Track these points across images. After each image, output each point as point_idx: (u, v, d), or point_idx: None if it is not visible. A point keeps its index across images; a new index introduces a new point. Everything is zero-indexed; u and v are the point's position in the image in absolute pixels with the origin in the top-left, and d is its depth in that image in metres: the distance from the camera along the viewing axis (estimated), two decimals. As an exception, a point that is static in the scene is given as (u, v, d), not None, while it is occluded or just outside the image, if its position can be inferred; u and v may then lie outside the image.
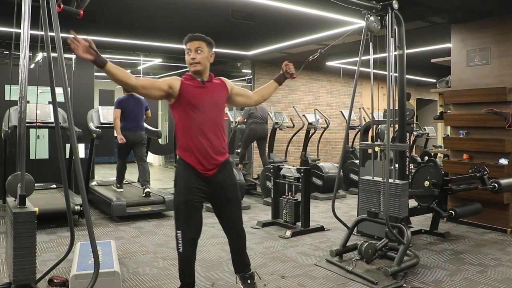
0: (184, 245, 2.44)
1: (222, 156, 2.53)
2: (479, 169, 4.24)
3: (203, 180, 2.47)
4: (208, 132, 2.46)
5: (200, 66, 2.48)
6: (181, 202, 2.46)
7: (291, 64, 2.77)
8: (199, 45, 2.52)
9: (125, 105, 5.28)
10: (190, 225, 2.45)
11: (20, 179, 2.42)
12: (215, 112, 2.51)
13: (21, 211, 2.29)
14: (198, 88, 2.48)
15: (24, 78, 2.52)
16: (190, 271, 2.53)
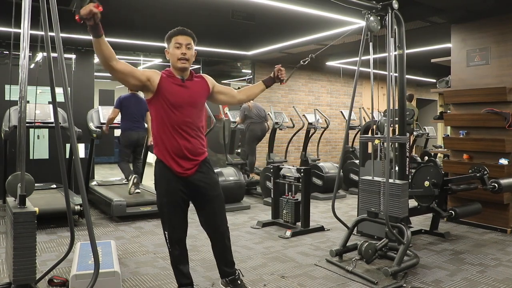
0: (172, 244, 2.48)
1: (200, 156, 2.46)
2: (479, 169, 4.24)
3: (182, 181, 2.42)
4: (185, 132, 2.39)
5: (188, 63, 2.40)
6: (164, 204, 2.46)
7: (283, 70, 2.72)
8: (189, 41, 2.40)
9: (126, 104, 5.27)
10: (174, 226, 2.46)
11: (20, 179, 2.41)
12: (194, 111, 2.43)
13: (21, 211, 2.29)
14: (178, 86, 2.39)
15: (24, 78, 2.52)
16: (183, 270, 2.53)
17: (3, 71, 5.87)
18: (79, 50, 6.69)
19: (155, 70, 2.40)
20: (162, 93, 2.35)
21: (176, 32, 2.40)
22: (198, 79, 2.52)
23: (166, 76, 2.39)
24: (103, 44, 2.09)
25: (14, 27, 2.55)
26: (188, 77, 2.46)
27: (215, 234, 2.60)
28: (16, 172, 2.52)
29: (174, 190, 2.42)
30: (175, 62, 2.39)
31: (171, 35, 2.41)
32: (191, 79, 2.47)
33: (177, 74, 2.43)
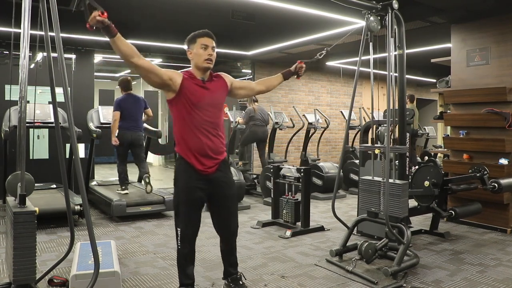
0: (183, 242, 2.49)
1: (220, 155, 2.53)
2: (479, 169, 4.24)
3: (203, 179, 2.47)
4: (207, 132, 2.45)
5: (212, 64, 2.48)
6: (181, 201, 2.48)
7: (304, 67, 2.87)
8: (214, 44, 2.50)
9: (124, 106, 5.25)
10: (188, 224, 2.49)
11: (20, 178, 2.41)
12: (214, 111, 2.49)
13: (21, 210, 2.29)
14: (199, 87, 2.46)
15: (24, 78, 2.52)
16: (188, 271, 2.53)
17: (3, 71, 5.88)
18: (79, 50, 6.69)
19: (176, 71, 2.46)
20: (185, 94, 2.41)
21: (202, 34, 2.47)
22: (216, 78, 2.58)
23: (187, 77, 2.45)
24: (119, 42, 2.14)
25: (14, 27, 2.54)
26: (208, 77, 2.52)
27: (227, 233, 2.65)
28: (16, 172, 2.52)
29: (193, 188, 2.45)
30: (201, 63, 2.45)
31: (196, 36, 2.47)
32: (211, 79, 2.53)
33: (198, 75, 2.48)
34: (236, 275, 2.71)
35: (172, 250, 3.78)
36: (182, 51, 7.37)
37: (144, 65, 2.27)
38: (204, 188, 2.48)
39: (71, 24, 5.51)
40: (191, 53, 2.49)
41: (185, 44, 2.54)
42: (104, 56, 8.03)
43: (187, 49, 2.53)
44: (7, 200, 2.60)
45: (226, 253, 2.70)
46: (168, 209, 5.20)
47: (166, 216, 5.25)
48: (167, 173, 10.32)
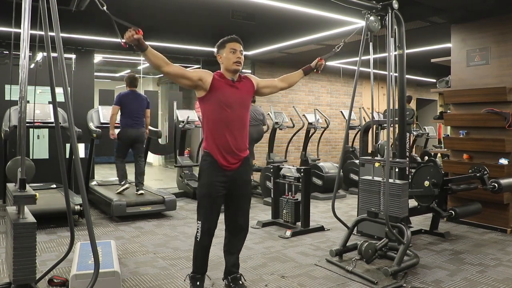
0: (203, 234, 2.61)
1: (244, 152, 2.67)
2: (479, 169, 4.24)
3: (225, 175, 2.60)
4: (234, 130, 2.59)
5: (241, 66, 2.65)
6: (204, 195, 2.62)
7: (324, 63, 3.11)
8: (241, 48, 2.67)
9: (125, 101, 5.26)
10: (209, 218, 2.61)
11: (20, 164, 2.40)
12: (242, 111, 2.64)
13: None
14: (229, 87, 2.60)
15: (24, 78, 2.52)
16: (205, 260, 2.71)
17: (3, 71, 5.87)
18: (79, 50, 6.69)
19: (208, 71, 2.62)
20: (215, 93, 2.56)
21: (231, 39, 2.66)
22: (245, 80, 2.74)
23: (218, 77, 2.60)
24: (150, 55, 2.35)
25: (14, 27, 2.54)
26: (237, 78, 2.67)
27: (236, 229, 2.74)
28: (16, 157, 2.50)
29: (216, 183, 2.59)
30: (231, 65, 2.61)
31: (225, 41, 2.66)
32: (240, 80, 2.68)
33: (228, 76, 2.63)
34: (236, 275, 2.76)
35: (173, 250, 3.79)
36: (182, 51, 7.40)
37: (173, 72, 2.46)
38: (226, 183, 2.61)
39: (71, 24, 5.52)
40: (221, 57, 2.65)
41: (215, 49, 2.71)
42: (104, 56, 8.03)
43: (216, 54, 2.70)
44: (7, 200, 2.60)
45: (231, 251, 2.77)
46: (168, 209, 5.20)
47: (166, 216, 5.25)
48: (167, 173, 10.32)
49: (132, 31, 2.22)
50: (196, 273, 2.72)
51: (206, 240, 2.64)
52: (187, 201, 6.26)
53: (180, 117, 6.55)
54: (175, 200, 5.25)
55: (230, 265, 2.78)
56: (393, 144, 3.68)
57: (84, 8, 4.63)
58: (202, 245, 2.65)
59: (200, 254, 2.68)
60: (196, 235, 2.64)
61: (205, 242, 2.64)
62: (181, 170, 6.68)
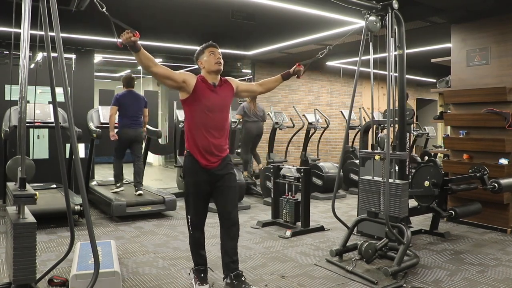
0: (194, 228, 2.83)
1: (223, 152, 2.81)
2: (479, 169, 4.24)
3: (207, 173, 2.74)
4: (215, 133, 2.72)
5: (221, 66, 2.77)
6: (190, 192, 2.80)
7: (302, 70, 3.11)
8: (220, 53, 2.81)
9: (123, 102, 5.26)
10: (197, 212, 2.82)
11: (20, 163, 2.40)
12: (222, 114, 2.77)
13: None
14: (210, 92, 2.72)
15: (24, 78, 2.52)
16: (200, 252, 2.89)
17: (3, 71, 5.87)
18: (79, 50, 6.69)
19: (192, 74, 2.73)
20: (197, 96, 2.69)
21: (208, 45, 2.80)
22: (225, 83, 2.85)
23: (201, 81, 2.72)
24: (142, 56, 2.47)
25: (14, 27, 2.54)
26: (218, 82, 2.78)
27: (227, 222, 2.82)
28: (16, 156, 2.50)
29: (200, 181, 2.75)
30: (212, 66, 2.74)
31: (203, 47, 2.80)
32: (221, 84, 2.80)
33: (209, 79, 2.75)
34: (238, 271, 2.77)
35: (173, 250, 3.79)
36: (182, 51, 7.40)
37: (159, 72, 2.59)
38: (209, 181, 2.76)
39: (71, 24, 5.52)
40: (201, 62, 2.79)
41: (194, 58, 2.85)
42: (104, 56, 8.03)
43: (196, 61, 2.83)
44: (7, 200, 2.60)
45: (227, 246, 2.81)
46: (168, 209, 5.20)
47: (166, 216, 5.25)
48: (167, 173, 10.32)
49: (129, 33, 2.31)
50: (199, 265, 2.88)
51: (197, 232, 2.85)
52: (187, 201, 6.25)
53: (180, 117, 6.54)
54: (175, 200, 5.25)
55: (230, 262, 2.79)
56: (393, 143, 3.69)
57: (84, 8, 4.63)
58: (195, 237, 2.85)
59: (196, 245, 2.87)
60: (189, 229, 2.85)
61: (196, 234, 2.85)
62: (181, 170, 6.67)
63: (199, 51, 2.83)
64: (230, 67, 9.17)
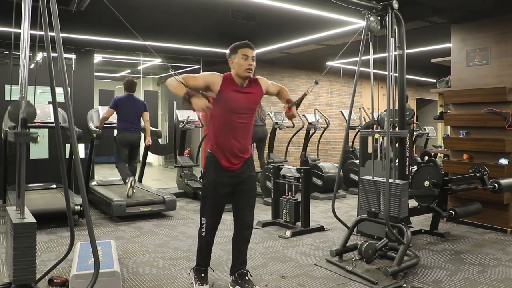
0: (207, 230, 2.75)
1: (246, 154, 2.76)
2: (479, 169, 4.24)
3: (229, 175, 2.70)
4: (239, 135, 2.66)
5: (252, 73, 2.68)
6: (209, 194, 2.74)
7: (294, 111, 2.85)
8: (254, 54, 2.69)
9: (121, 105, 5.27)
10: (213, 215, 2.76)
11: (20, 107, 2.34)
12: (248, 116, 2.70)
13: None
14: (238, 93, 2.64)
15: (24, 78, 2.52)
16: (208, 253, 2.85)
17: (3, 71, 5.88)
18: (79, 50, 6.68)
19: (216, 74, 2.63)
20: (224, 98, 2.61)
21: (243, 44, 2.67)
22: (254, 84, 2.75)
23: (228, 81, 2.63)
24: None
25: (14, 27, 2.54)
26: (246, 84, 2.70)
27: (243, 225, 2.83)
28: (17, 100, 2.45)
29: (220, 183, 2.70)
30: (242, 72, 2.64)
31: (238, 47, 2.67)
32: (249, 85, 2.72)
33: (238, 81, 2.66)
34: (243, 270, 2.83)
35: (173, 250, 3.79)
36: (182, 51, 7.40)
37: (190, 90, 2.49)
38: (229, 183, 2.72)
39: (71, 24, 5.52)
40: (232, 62, 2.67)
41: (227, 52, 2.72)
42: (104, 56, 8.03)
43: (228, 57, 2.71)
44: (7, 200, 2.60)
45: (238, 248, 2.85)
46: (168, 209, 5.20)
47: (166, 216, 5.25)
48: (167, 173, 10.32)
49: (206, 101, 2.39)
50: (200, 265, 2.86)
51: (211, 235, 2.78)
52: (187, 201, 6.26)
53: (180, 117, 6.55)
54: (175, 200, 5.25)
55: (237, 261, 2.85)
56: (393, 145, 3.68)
57: (84, 8, 4.63)
58: (207, 240, 2.79)
59: (205, 248, 2.81)
60: (201, 231, 2.77)
61: (210, 237, 2.79)
62: (181, 170, 6.68)
63: (232, 49, 2.69)
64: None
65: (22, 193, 2.40)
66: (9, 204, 4.67)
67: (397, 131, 3.56)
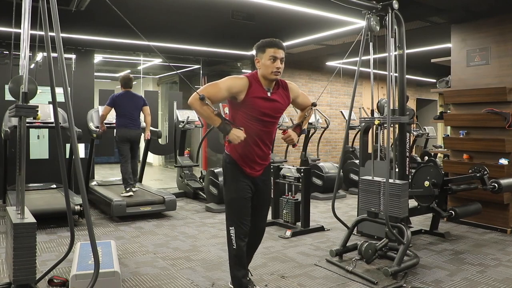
0: (238, 241, 2.49)
1: (267, 161, 2.61)
2: (479, 169, 4.24)
3: (250, 179, 2.54)
4: (261, 142, 2.51)
5: (279, 76, 2.46)
6: (234, 199, 2.52)
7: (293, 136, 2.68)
8: (283, 55, 2.44)
9: (119, 102, 5.25)
10: (243, 221, 2.51)
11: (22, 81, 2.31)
12: (272, 123, 2.53)
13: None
14: (264, 101, 2.43)
15: (25, 78, 2.52)
16: (244, 265, 2.57)
17: (3, 71, 5.88)
18: (79, 50, 6.69)
19: (240, 78, 2.41)
20: (248, 105, 2.41)
21: (272, 44, 2.42)
22: (283, 89, 2.54)
23: (254, 83, 2.41)
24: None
25: (14, 27, 2.55)
26: (274, 88, 2.49)
27: (257, 229, 2.71)
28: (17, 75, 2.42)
29: (244, 187, 2.51)
30: (268, 74, 2.41)
31: (265, 45, 2.42)
32: (277, 89, 2.51)
33: (264, 84, 2.45)
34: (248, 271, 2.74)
35: (172, 250, 3.78)
36: (182, 51, 7.40)
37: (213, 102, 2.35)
38: (251, 187, 2.55)
39: (71, 24, 5.52)
40: (259, 62, 2.45)
41: (254, 49, 2.51)
42: (104, 56, 8.03)
43: (255, 56, 2.50)
44: (7, 200, 2.60)
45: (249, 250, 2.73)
46: (168, 209, 5.20)
47: (166, 216, 5.25)
48: (167, 173, 10.32)
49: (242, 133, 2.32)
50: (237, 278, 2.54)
51: (242, 244, 2.51)
52: (187, 201, 6.26)
53: (180, 117, 6.55)
54: (175, 200, 5.25)
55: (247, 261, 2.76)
56: (393, 144, 3.69)
57: (84, 8, 4.63)
58: (240, 252, 2.51)
59: (239, 260, 2.53)
60: (231, 243, 2.50)
61: (242, 247, 2.51)
62: (181, 170, 6.68)
63: (260, 48, 2.45)
64: (230, 67, 9.17)
65: (22, 193, 2.40)
66: (9, 204, 4.68)
67: (397, 117, 3.53)
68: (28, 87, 2.33)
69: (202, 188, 6.22)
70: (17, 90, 2.35)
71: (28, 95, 2.32)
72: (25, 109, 2.27)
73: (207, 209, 5.57)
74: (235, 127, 2.34)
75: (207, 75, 9.22)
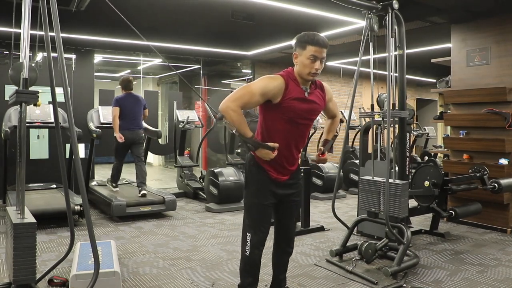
0: (252, 248, 2.32)
1: (295, 166, 2.43)
2: (479, 169, 4.24)
3: (275, 184, 2.36)
4: (294, 146, 2.35)
5: (316, 77, 2.29)
6: (254, 204, 2.36)
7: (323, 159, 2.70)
8: (324, 55, 2.24)
9: (122, 104, 5.26)
10: (261, 228, 2.34)
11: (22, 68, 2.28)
12: (306, 126, 2.37)
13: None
14: (301, 102, 2.26)
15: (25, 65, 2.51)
16: (253, 274, 2.39)
17: (3, 71, 5.87)
18: (79, 50, 6.69)
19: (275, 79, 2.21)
20: (284, 107, 2.22)
21: (314, 41, 2.20)
22: (320, 90, 2.38)
23: (290, 85, 2.23)
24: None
25: (14, 27, 2.55)
26: (311, 88, 2.31)
27: (287, 237, 2.51)
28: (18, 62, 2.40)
29: (267, 192, 2.33)
30: (305, 75, 2.23)
31: (307, 42, 2.21)
32: (314, 88, 2.34)
33: (301, 82, 2.26)
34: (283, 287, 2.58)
35: (173, 250, 3.78)
36: (182, 51, 7.40)
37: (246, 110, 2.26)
38: (275, 193, 2.36)
39: (71, 24, 5.52)
40: (297, 58, 2.25)
41: (293, 41, 2.30)
42: (104, 56, 8.03)
43: (293, 50, 2.28)
44: (7, 200, 2.59)
45: (281, 262, 2.56)
46: (168, 209, 5.20)
47: (166, 216, 5.25)
48: (167, 173, 10.32)
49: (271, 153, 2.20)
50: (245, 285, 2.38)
51: (257, 253, 2.34)
52: (187, 201, 6.26)
53: (180, 117, 6.55)
54: (175, 200, 5.25)
55: (282, 277, 2.57)
56: (393, 143, 3.69)
57: (84, 8, 4.63)
58: (252, 259, 2.34)
59: (251, 267, 2.36)
60: (245, 249, 2.33)
61: (256, 256, 2.34)
62: (181, 170, 6.68)
63: (300, 43, 2.23)
64: (230, 67, 9.18)
65: (22, 193, 2.40)
66: (9, 204, 4.67)
67: (397, 110, 3.52)
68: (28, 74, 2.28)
69: (202, 188, 6.22)
70: (18, 76, 2.31)
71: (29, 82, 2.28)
72: (25, 95, 2.23)
73: (207, 209, 5.56)
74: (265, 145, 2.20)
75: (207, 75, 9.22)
